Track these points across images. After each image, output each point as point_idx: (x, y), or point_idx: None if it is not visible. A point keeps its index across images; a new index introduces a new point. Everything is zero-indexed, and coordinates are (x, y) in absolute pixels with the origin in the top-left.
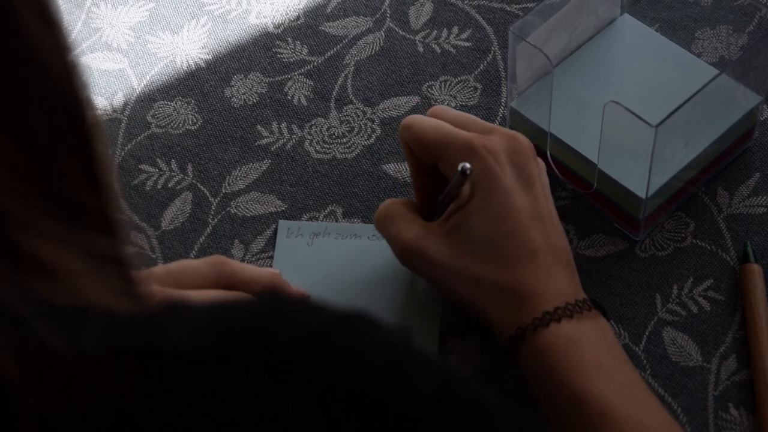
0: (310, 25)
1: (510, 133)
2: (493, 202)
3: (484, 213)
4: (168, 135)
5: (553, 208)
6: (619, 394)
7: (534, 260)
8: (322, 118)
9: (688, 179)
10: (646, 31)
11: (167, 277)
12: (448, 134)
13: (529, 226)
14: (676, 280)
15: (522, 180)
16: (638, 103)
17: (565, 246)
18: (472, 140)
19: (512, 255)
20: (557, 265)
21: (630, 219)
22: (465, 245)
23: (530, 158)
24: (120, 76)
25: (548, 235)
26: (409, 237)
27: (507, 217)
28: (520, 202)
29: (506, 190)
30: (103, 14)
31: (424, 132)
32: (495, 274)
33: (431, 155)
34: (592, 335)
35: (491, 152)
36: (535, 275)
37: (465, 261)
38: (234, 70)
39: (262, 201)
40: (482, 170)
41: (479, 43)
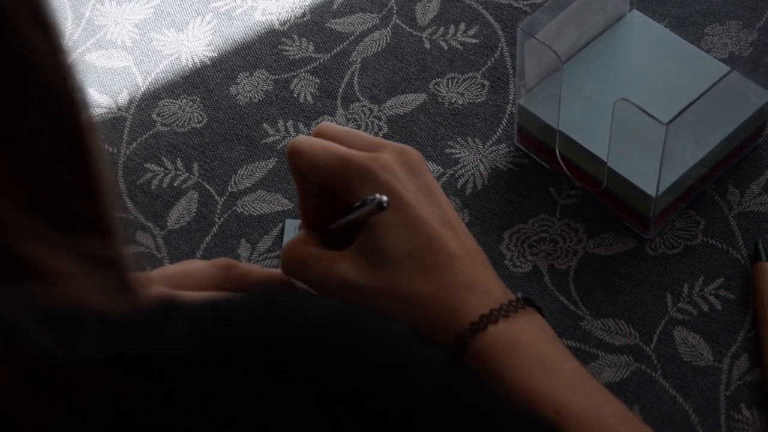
0: (316, 21)
1: (399, 147)
2: (402, 218)
3: (396, 230)
4: (173, 133)
5: (456, 213)
6: (570, 388)
7: (456, 265)
8: (328, 116)
9: (699, 177)
10: (655, 27)
11: (170, 280)
12: (343, 159)
13: (442, 232)
14: (687, 279)
15: (422, 191)
16: (648, 100)
17: (478, 248)
18: (368, 163)
19: (433, 264)
20: (478, 267)
21: (640, 217)
22: (387, 265)
23: (423, 169)
24: (125, 74)
25: (461, 239)
26: (331, 273)
27: (419, 229)
28: (426, 213)
29: (411, 204)
30: (107, 11)
31: (317, 158)
32: (422, 287)
33: (327, 180)
34: (531, 333)
35: (388, 171)
36: (461, 281)
37: (390, 280)
38: (239, 67)
39: (269, 200)
40: (384, 190)
41: (487, 40)
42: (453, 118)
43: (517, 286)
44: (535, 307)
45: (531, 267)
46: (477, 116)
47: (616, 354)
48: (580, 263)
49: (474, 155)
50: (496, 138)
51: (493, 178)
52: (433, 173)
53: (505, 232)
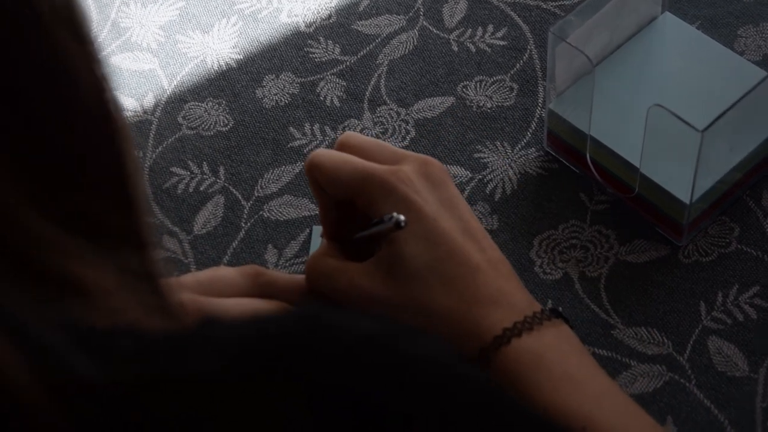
0: (342, 23)
1: (421, 159)
2: (423, 231)
3: (415, 243)
4: (199, 137)
5: (479, 223)
6: (596, 404)
7: (478, 278)
8: (355, 119)
9: (733, 183)
10: (687, 29)
11: (200, 286)
12: (363, 172)
13: (463, 244)
14: (721, 287)
15: (443, 203)
16: (681, 105)
17: (503, 258)
18: (387, 177)
19: (454, 276)
20: (502, 278)
21: (673, 224)
22: (408, 277)
23: (445, 180)
24: (150, 76)
25: (485, 250)
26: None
27: (439, 240)
28: (447, 224)
29: (431, 217)
30: (132, 13)
31: (336, 172)
32: (443, 299)
33: (347, 194)
34: (556, 347)
35: (407, 184)
36: (484, 293)
37: (411, 292)
38: (265, 70)
39: (296, 204)
40: (404, 204)
41: (515, 42)
42: (481, 122)
43: (547, 294)
44: (562, 318)
45: (561, 274)
46: (506, 120)
47: (648, 363)
48: (611, 270)
49: (503, 160)
50: (525, 142)
51: (523, 183)
52: (461, 178)
53: (534, 239)
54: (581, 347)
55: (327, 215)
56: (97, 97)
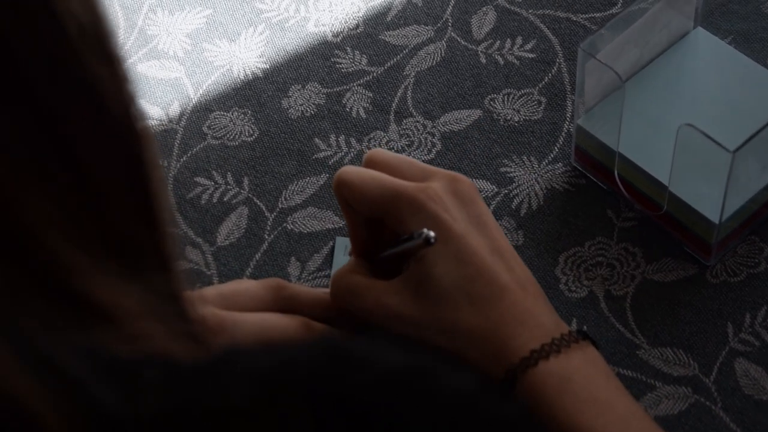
0: (369, 33)
1: (450, 176)
2: (451, 249)
3: (443, 262)
4: (224, 147)
5: (508, 242)
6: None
7: (506, 298)
8: (381, 131)
9: (764, 202)
10: (719, 45)
11: (222, 299)
12: (390, 189)
13: (492, 263)
14: (749, 309)
15: (472, 221)
16: (712, 122)
17: (531, 278)
18: (416, 194)
19: (482, 295)
20: (530, 298)
21: (701, 243)
22: (434, 296)
23: (474, 197)
24: (176, 85)
25: (513, 270)
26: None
27: (468, 260)
28: (476, 243)
29: (460, 235)
30: (159, 20)
31: (365, 190)
32: (471, 319)
33: (375, 212)
34: (583, 369)
35: (436, 201)
36: (511, 314)
37: (438, 312)
38: (291, 80)
39: (320, 217)
40: (432, 221)
41: (544, 55)
42: (508, 136)
43: (572, 312)
44: (589, 340)
45: (587, 292)
46: (533, 134)
47: (674, 385)
48: (637, 289)
49: (529, 174)
50: (552, 157)
51: (549, 198)
52: (487, 193)
53: (560, 256)
54: (608, 370)
55: (355, 232)
56: (124, 117)
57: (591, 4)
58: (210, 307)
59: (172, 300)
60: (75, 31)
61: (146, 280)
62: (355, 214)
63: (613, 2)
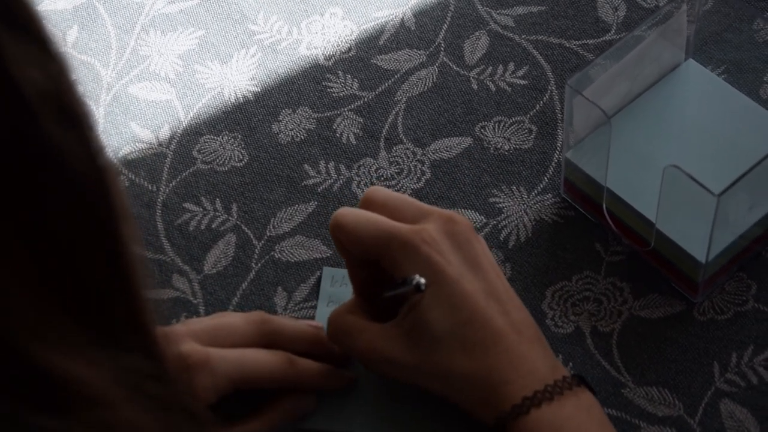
0: (361, 57)
1: (446, 216)
2: (444, 294)
3: (438, 306)
4: (213, 172)
5: (506, 283)
6: None
7: (500, 343)
8: (371, 158)
9: (752, 238)
10: (710, 78)
11: (205, 334)
12: (385, 232)
13: (486, 307)
14: (736, 348)
15: (467, 263)
16: (700, 159)
17: (529, 321)
18: (410, 237)
19: (476, 341)
20: (525, 343)
21: (688, 280)
22: (427, 342)
23: (471, 238)
24: (167, 107)
25: (509, 313)
26: (373, 347)
27: (461, 305)
28: (470, 287)
29: (454, 279)
30: (152, 41)
31: (358, 232)
32: (463, 365)
33: (370, 255)
34: (576, 418)
35: (431, 244)
36: (505, 360)
37: (431, 358)
38: (282, 104)
39: (307, 246)
40: (426, 265)
41: (536, 82)
42: (498, 165)
43: (558, 348)
44: (585, 385)
45: (573, 328)
46: (523, 163)
47: (658, 425)
48: (624, 326)
49: (518, 205)
50: (541, 187)
51: (537, 230)
52: (476, 224)
53: (547, 289)
54: (601, 416)
55: (354, 273)
56: (95, 189)
57: (584, 30)
58: (192, 342)
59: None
60: (35, 97)
61: (128, 361)
62: (352, 256)
63: (606, 29)
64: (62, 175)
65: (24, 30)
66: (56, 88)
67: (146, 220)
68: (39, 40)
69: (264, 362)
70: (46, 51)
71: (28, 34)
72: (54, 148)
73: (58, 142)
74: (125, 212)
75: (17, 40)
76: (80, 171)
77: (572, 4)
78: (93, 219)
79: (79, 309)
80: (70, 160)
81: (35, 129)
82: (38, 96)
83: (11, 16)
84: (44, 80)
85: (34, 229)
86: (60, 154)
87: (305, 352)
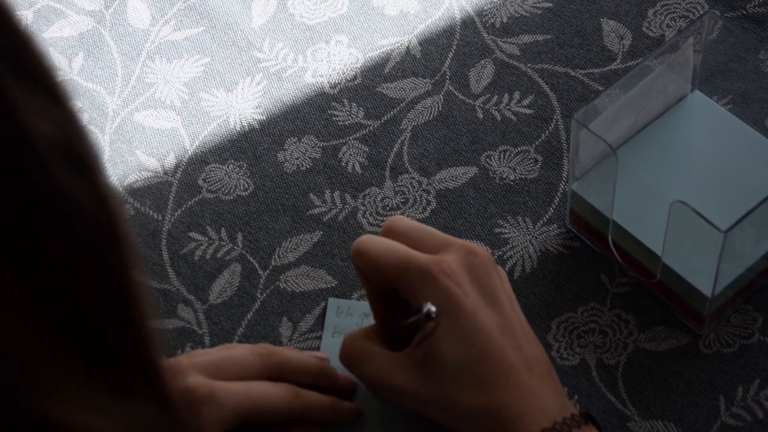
0: (367, 86)
1: (467, 248)
2: (459, 326)
3: (452, 338)
4: (219, 201)
5: (522, 318)
6: None
7: (511, 379)
8: (376, 187)
9: (759, 271)
10: (716, 109)
11: (211, 366)
12: (404, 260)
13: (500, 343)
14: (742, 381)
15: (485, 296)
16: (705, 192)
17: (541, 357)
18: (429, 267)
19: (487, 377)
20: (536, 380)
21: (694, 313)
22: (438, 374)
23: (490, 272)
24: (172, 135)
25: (522, 349)
26: (381, 375)
27: (476, 339)
28: (486, 321)
29: (470, 312)
30: (157, 68)
31: (378, 260)
32: (473, 399)
33: (389, 282)
34: None
35: (449, 275)
36: (515, 395)
37: (441, 389)
38: (288, 132)
39: (313, 276)
40: (444, 295)
41: (541, 111)
42: (504, 195)
43: (563, 381)
44: (593, 423)
45: (578, 360)
46: (528, 194)
47: None
48: (629, 358)
49: (524, 236)
50: (547, 218)
51: (543, 261)
52: None
53: (552, 321)
54: None
55: (373, 301)
56: (104, 236)
57: (590, 59)
58: (198, 375)
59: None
60: (47, 149)
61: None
62: (372, 283)
63: (612, 58)
64: (71, 223)
65: (34, 81)
66: (67, 138)
67: (151, 249)
68: (49, 91)
69: (270, 395)
70: (56, 101)
71: (37, 84)
72: (65, 196)
73: (69, 191)
74: (136, 258)
75: (28, 92)
76: (90, 217)
77: (578, 33)
78: (103, 265)
79: (88, 358)
80: (80, 207)
81: (48, 180)
82: (50, 148)
83: (21, 66)
84: (55, 131)
85: (42, 278)
86: (71, 202)
87: (311, 384)
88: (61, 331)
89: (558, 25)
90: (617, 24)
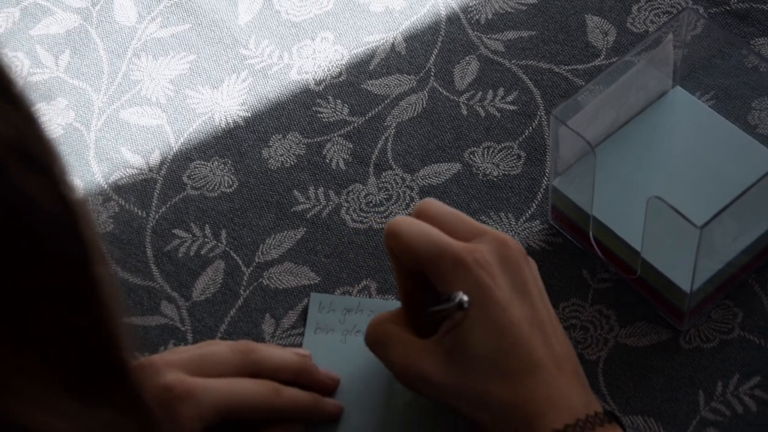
0: (352, 82)
1: (499, 238)
2: (490, 318)
3: (481, 329)
4: (203, 198)
5: (552, 312)
6: None
7: (537, 374)
8: (360, 184)
9: (739, 266)
10: (696, 105)
11: (191, 364)
12: (438, 246)
13: (530, 337)
14: (721, 376)
15: (516, 288)
16: (686, 188)
17: (569, 353)
18: (463, 255)
19: (515, 370)
20: (563, 376)
21: (674, 309)
22: (466, 364)
23: (522, 263)
24: (158, 132)
25: (551, 345)
26: (409, 362)
27: (505, 331)
28: (517, 314)
29: (502, 304)
30: (143, 66)
31: (411, 243)
32: (500, 392)
33: (420, 266)
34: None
35: (482, 265)
36: (541, 391)
37: (468, 381)
38: (272, 129)
39: (296, 272)
40: (475, 285)
41: (525, 107)
42: (487, 191)
43: None
44: (617, 422)
45: None
46: (511, 189)
47: None
48: (610, 354)
49: (507, 232)
50: (530, 214)
51: None
52: None
53: None
54: None
55: (401, 284)
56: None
57: (574, 55)
58: (178, 372)
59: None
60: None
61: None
62: (401, 266)
63: (596, 54)
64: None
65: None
66: (23, 138)
67: (135, 246)
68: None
69: (250, 392)
70: (12, 101)
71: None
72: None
73: (25, 190)
74: (99, 255)
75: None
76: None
77: (562, 29)
78: (62, 264)
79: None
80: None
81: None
82: (4, 147)
83: None
84: (9, 131)
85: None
86: (28, 200)
87: (292, 381)
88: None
89: (542, 21)
90: (601, 20)
